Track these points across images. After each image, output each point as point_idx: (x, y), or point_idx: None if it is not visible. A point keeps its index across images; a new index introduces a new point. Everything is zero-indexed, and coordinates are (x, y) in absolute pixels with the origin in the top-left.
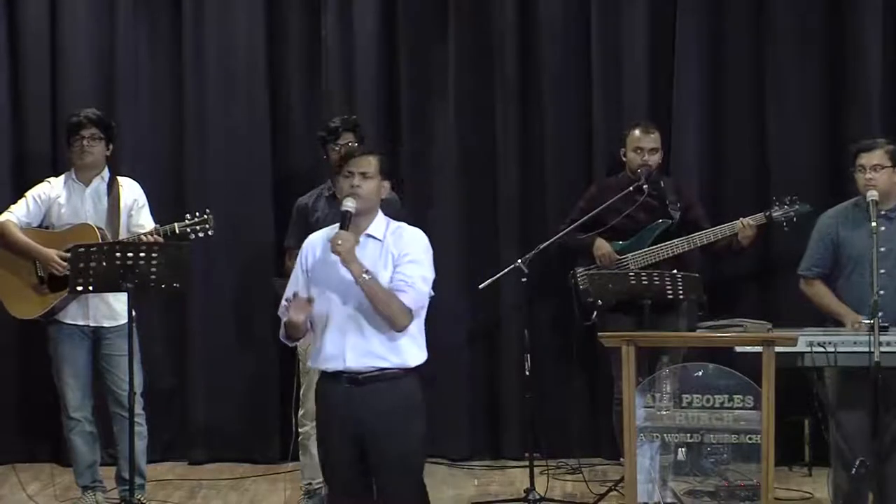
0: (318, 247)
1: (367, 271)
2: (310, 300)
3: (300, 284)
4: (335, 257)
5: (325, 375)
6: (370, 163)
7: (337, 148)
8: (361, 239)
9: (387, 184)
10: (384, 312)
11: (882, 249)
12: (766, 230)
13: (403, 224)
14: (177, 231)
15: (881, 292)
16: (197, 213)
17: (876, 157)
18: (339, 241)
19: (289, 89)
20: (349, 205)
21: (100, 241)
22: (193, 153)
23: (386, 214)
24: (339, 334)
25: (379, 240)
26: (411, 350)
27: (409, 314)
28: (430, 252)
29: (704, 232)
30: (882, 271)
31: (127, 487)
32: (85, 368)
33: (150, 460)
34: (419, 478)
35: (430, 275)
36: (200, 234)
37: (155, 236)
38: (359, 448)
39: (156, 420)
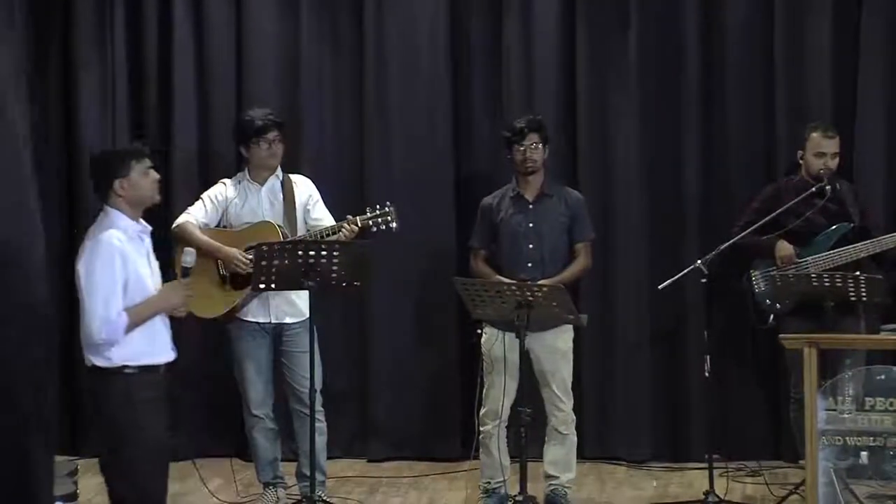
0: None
1: None
2: None
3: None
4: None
5: (144, 369)
6: None
7: (522, 148)
8: None
9: None
10: None
11: None
12: None
13: None
14: (359, 224)
15: None
16: (378, 206)
17: None
18: None
19: (470, 89)
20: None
21: (281, 238)
22: (374, 153)
23: None
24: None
25: None
26: None
27: None
28: None
29: (891, 236)
30: None
31: (308, 483)
32: (266, 365)
33: (329, 457)
34: None
35: None
36: (383, 227)
37: (353, 226)
38: None
39: (336, 417)
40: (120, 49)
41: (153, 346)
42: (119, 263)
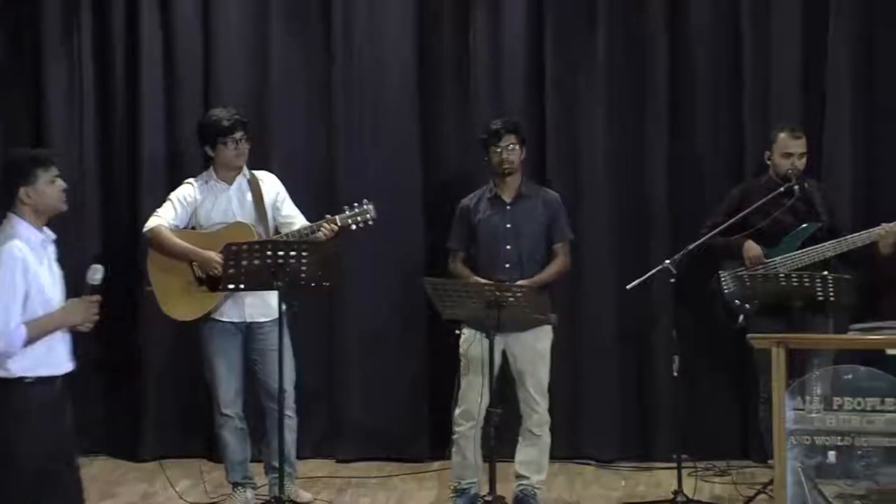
0: None
1: None
2: None
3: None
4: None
5: (40, 380)
6: None
7: (498, 150)
8: None
9: None
10: None
11: None
12: None
13: None
14: (339, 224)
15: None
16: (356, 204)
17: None
18: None
19: (439, 87)
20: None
21: (255, 238)
22: (343, 154)
23: None
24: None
25: None
26: None
27: None
28: None
29: (858, 235)
30: None
31: (276, 475)
32: (238, 363)
33: (299, 457)
34: None
35: None
36: (362, 225)
37: (332, 226)
38: None
39: (305, 417)
40: (86, 47)
41: (50, 357)
42: (20, 274)
